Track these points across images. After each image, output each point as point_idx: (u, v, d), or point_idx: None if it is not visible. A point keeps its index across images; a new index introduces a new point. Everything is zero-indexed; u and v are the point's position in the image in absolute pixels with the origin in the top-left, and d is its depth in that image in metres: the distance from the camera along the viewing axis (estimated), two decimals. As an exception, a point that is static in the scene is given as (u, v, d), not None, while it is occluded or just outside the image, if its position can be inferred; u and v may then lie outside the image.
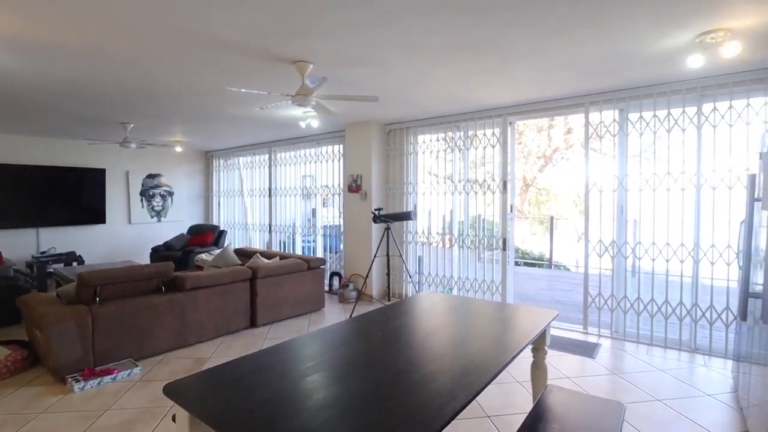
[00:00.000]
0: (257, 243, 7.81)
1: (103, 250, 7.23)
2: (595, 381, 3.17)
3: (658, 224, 3.87)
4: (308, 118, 4.88)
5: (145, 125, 5.61)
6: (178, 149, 7.43)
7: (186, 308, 3.84)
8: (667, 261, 3.83)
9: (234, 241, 8.22)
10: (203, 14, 2.33)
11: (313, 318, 4.86)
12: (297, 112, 4.73)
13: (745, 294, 2.42)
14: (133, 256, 7.42)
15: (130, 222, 7.60)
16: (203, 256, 5.90)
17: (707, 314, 3.68)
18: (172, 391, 1.40)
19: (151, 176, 7.88)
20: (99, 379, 3.09)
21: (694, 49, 2.77)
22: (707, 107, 3.61)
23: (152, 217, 7.93)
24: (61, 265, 6.10)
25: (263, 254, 5.33)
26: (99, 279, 3.38)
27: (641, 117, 3.92)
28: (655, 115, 3.85)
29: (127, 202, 7.57)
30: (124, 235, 7.54)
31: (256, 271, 4.45)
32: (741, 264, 2.53)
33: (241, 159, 8.05)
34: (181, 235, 7.46)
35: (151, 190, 7.89)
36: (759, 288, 2.25)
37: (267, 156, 7.42)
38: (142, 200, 7.77)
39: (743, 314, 2.49)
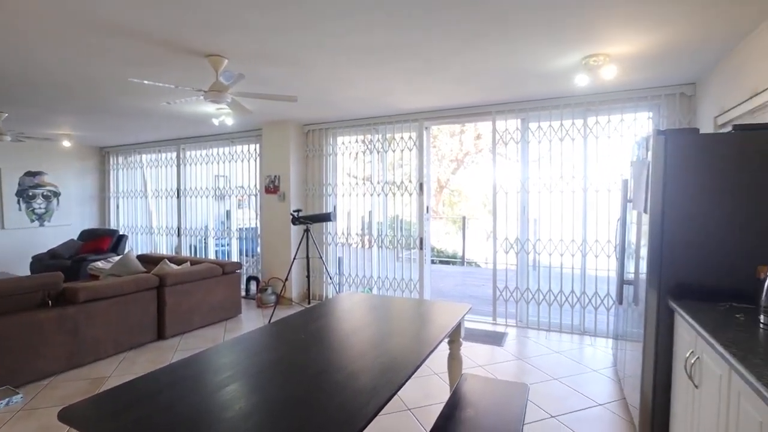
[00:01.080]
0: (164, 248, 7.20)
1: (-32, 261, 6.14)
2: (503, 367, 3.46)
3: (553, 223, 4.34)
4: (222, 115, 4.64)
5: (23, 115, 4.88)
6: (66, 144, 6.55)
7: (79, 323, 3.43)
8: (561, 255, 4.31)
9: (136, 246, 7.48)
10: (99, -3, 2.11)
11: (229, 325, 4.62)
12: (210, 108, 4.46)
13: (621, 281, 2.83)
14: (8, 266, 6.38)
15: (3, 227, 6.54)
16: (99, 264, 5.28)
17: (593, 300, 4.22)
18: (70, 415, 1.25)
19: (30, 174, 6.85)
20: (-35, 413, 2.64)
21: (580, 69, 3.18)
22: (591, 120, 4.14)
23: (33, 221, 6.90)
24: None
25: (171, 260, 4.94)
26: (-36, 295, 2.88)
27: (539, 126, 4.36)
28: (550, 125, 4.30)
29: (-1, 204, 6.52)
30: (-4, 243, 6.48)
31: (163, 278, 4.12)
32: (617, 256, 2.94)
33: (144, 156, 7.36)
34: (71, 241, 6.61)
35: (30, 190, 6.87)
36: (631, 276, 2.65)
37: (175, 154, 6.87)
38: (19, 202, 6.73)
39: (619, 298, 2.91)
